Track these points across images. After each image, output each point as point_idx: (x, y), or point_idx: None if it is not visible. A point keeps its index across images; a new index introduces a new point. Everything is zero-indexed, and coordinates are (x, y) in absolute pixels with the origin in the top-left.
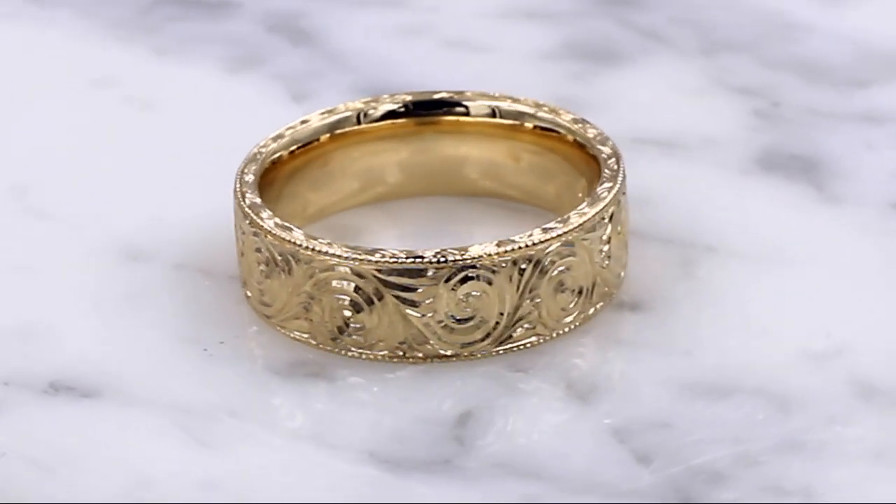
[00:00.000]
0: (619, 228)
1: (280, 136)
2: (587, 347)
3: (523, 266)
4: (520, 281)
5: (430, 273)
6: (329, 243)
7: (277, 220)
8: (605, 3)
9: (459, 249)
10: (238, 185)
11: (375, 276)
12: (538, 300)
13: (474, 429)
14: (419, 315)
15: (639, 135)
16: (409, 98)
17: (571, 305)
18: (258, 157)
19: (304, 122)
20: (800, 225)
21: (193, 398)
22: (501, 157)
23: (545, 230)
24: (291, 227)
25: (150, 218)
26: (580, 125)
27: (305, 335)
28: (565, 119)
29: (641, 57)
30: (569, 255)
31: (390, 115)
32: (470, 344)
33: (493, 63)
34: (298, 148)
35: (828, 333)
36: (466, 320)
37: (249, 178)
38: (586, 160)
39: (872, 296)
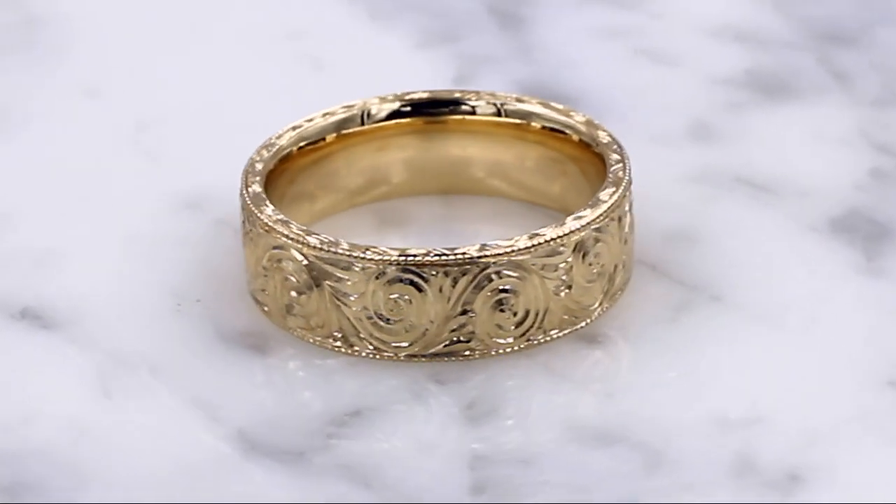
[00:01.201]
0: (594, 260)
1: (288, 133)
2: (516, 371)
3: (455, 278)
4: (451, 292)
5: (358, 267)
6: (287, 222)
7: (258, 190)
8: (819, 37)
9: (401, 250)
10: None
11: (314, 262)
12: (472, 315)
13: (350, 428)
14: (350, 308)
15: (743, 173)
16: (415, 97)
17: (513, 327)
18: (268, 150)
19: (311, 119)
20: (823, 292)
21: (127, 346)
22: (507, 156)
23: (493, 245)
24: (267, 203)
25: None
26: (586, 125)
27: (266, 308)
28: (571, 119)
29: (811, 96)
30: (517, 277)
31: (396, 114)
32: (398, 346)
33: (667, 77)
34: (307, 144)
35: (753, 402)
36: (394, 321)
37: (258, 169)
38: (592, 160)
39: (834, 378)
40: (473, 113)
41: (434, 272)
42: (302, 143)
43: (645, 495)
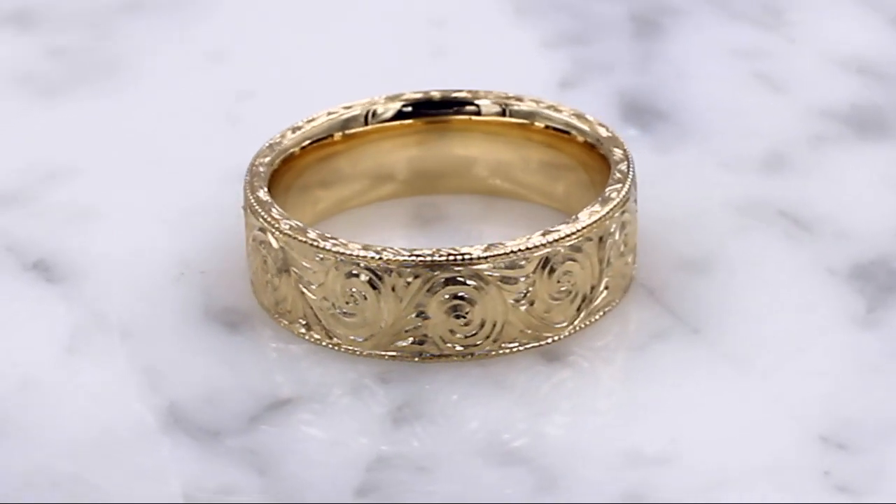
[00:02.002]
0: (563, 277)
1: (292, 132)
2: (464, 380)
3: (409, 280)
4: (405, 293)
5: (319, 257)
6: (268, 204)
7: (261, 170)
8: None
9: (365, 245)
10: (251, 195)
11: (284, 247)
12: (426, 318)
13: (277, 415)
14: (313, 296)
15: (789, 207)
16: (419, 97)
17: (467, 335)
18: (271, 150)
19: (314, 119)
20: (805, 339)
21: (113, 309)
22: (511, 156)
23: (450, 250)
24: (262, 187)
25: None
26: (590, 125)
27: (253, 288)
28: (576, 119)
29: None
30: (473, 286)
31: (400, 114)
32: (354, 340)
33: (771, 103)
34: (310, 144)
35: (672, 440)
36: (350, 315)
37: (259, 184)
38: (597, 161)
39: (767, 428)
40: (478, 113)
41: (389, 271)
42: (306, 143)
43: None
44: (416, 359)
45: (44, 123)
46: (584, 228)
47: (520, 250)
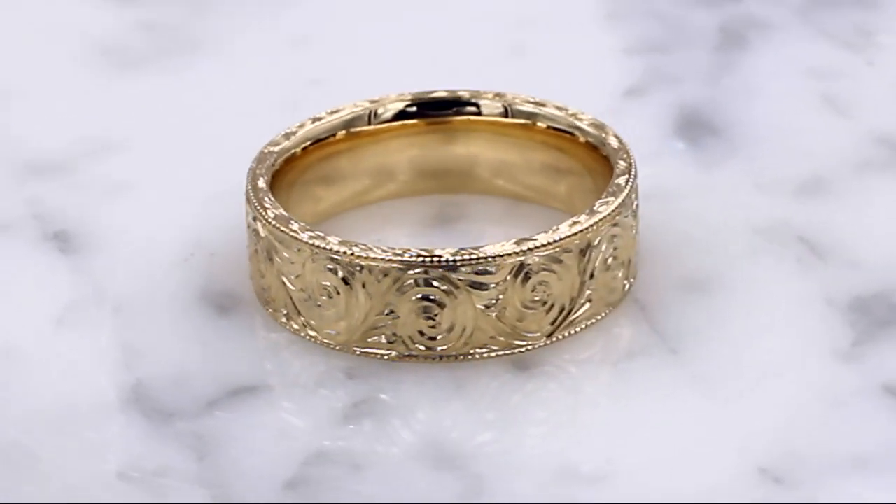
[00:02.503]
0: (538, 286)
1: (293, 134)
2: (428, 381)
3: (379, 278)
4: (375, 290)
5: (296, 248)
6: (262, 193)
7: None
8: None
9: (343, 241)
10: (250, 182)
11: (269, 236)
12: (397, 318)
13: (237, 402)
14: (292, 287)
15: (810, 233)
16: (421, 97)
17: (436, 337)
18: (271, 153)
19: (316, 119)
20: (780, 368)
21: (114, 285)
22: (513, 156)
23: (419, 252)
24: (262, 178)
25: None
26: (593, 126)
27: (250, 275)
28: (578, 119)
29: None
30: (443, 289)
31: (402, 114)
32: (328, 333)
33: (829, 126)
34: (311, 145)
35: (608, 459)
36: (325, 308)
37: (262, 173)
38: (600, 162)
39: (710, 454)
40: (480, 113)
41: (360, 268)
42: (308, 142)
43: None
44: (386, 357)
45: (113, 96)
46: (562, 240)
47: (491, 257)
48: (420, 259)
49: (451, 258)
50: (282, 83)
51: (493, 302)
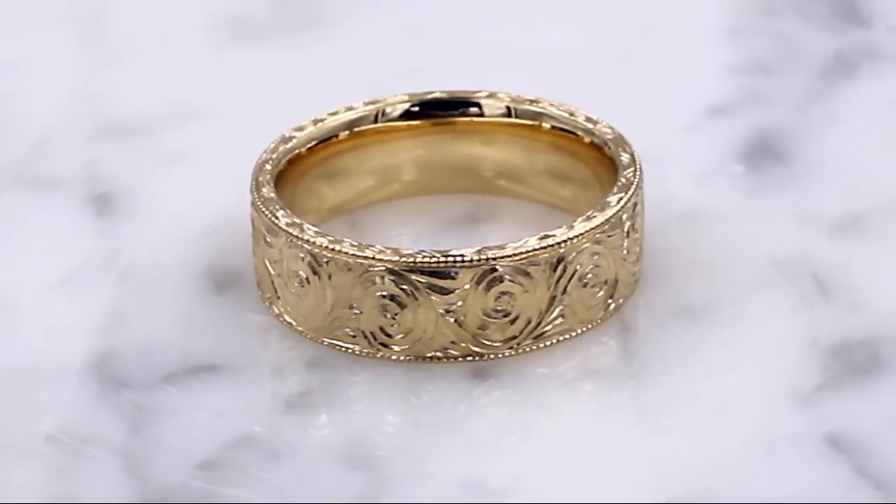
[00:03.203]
0: (501, 296)
1: (297, 133)
2: (382, 380)
3: (344, 272)
4: (339, 282)
5: (275, 234)
6: (259, 184)
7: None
8: None
9: (318, 231)
10: (255, 181)
11: (257, 221)
12: (360, 313)
13: (192, 380)
14: (273, 272)
15: (823, 271)
16: (426, 98)
17: (397, 337)
18: (276, 153)
19: (321, 120)
20: (725, 405)
21: (132, 252)
22: (517, 156)
23: (377, 248)
24: (266, 170)
25: None
26: (597, 126)
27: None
28: (582, 120)
29: None
30: (402, 290)
31: (407, 114)
32: (301, 321)
33: None
34: (316, 145)
35: (518, 476)
36: (298, 296)
37: (267, 172)
38: (603, 162)
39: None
40: (484, 114)
41: (326, 259)
42: (313, 142)
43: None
44: (349, 351)
45: (217, 66)
46: (530, 252)
47: (452, 262)
48: (382, 257)
49: (411, 259)
50: (384, 68)
51: (454, 307)
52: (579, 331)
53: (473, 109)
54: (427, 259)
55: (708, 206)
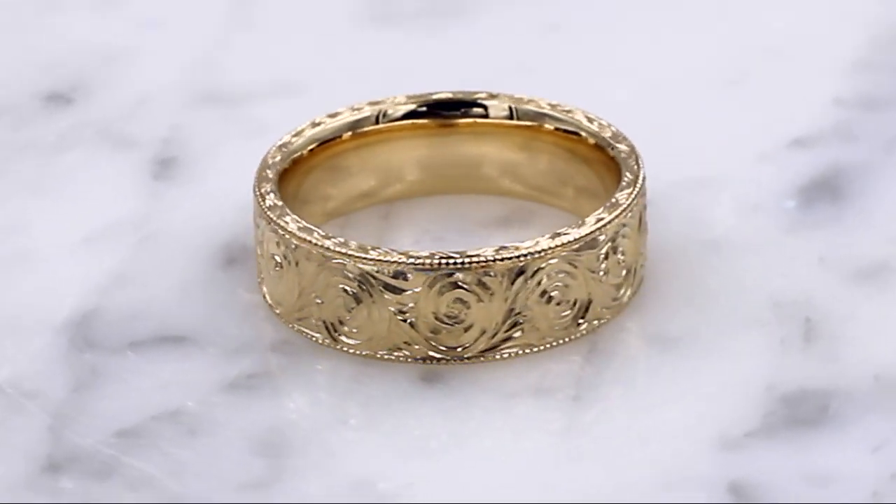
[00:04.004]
0: (453, 303)
1: (300, 134)
2: (332, 373)
3: (308, 260)
4: (306, 270)
5: (263, 224)
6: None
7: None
8: None
9: (294, 219)
10: (257, 182)
11: (255, 212)
12: (321, 303)
13: (151, 348)
14: (261, 254)
15: (823, 320)
16: (428, 98)
17: (352, 331)
18: (278, 154)
19: (323, 121)
20: (644, 440)
21: (161, 218)
22: (520, 157)
23: (336, 240)
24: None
25: None
26: (599, 127)
27: None
28: (585, 121)
29: None
30: (357, 284)
31: (410, 115)
32: (280, 307)
33: None
34: (318, 146)
35: (408, 484)
36: (276, 281)
37: (270, 190)
38: (606, 162)
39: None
40: (487, 115)
41: (294, 246)
42: (315, 144)
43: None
44: (313, 339)
45: (344, 44)
46: (485, 263)
47: (405, 262)
48: (342, 250)
49: (368, 256)
50: (498, 65)
51: (406, 308)
52: (541, 347)
53: (476, 110)
54: (382, 257)
55: (738, 237)
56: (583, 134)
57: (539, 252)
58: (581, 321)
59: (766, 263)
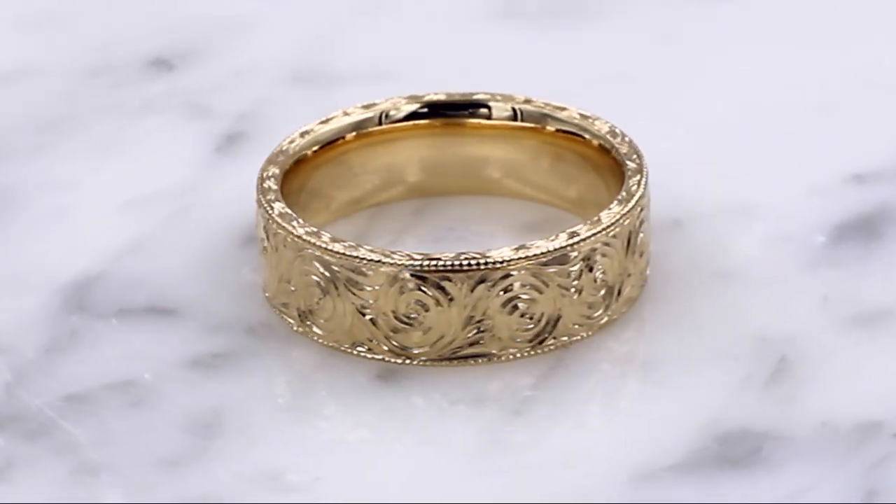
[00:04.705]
0: (412, 306)
1: (304, 135)
2: (293, 364)
3: (282, 247)
4: (280, 258)
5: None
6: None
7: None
8: None
9: (281, 212)
10: (261, 183)
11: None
12: (294, 291)
13: (137, 318)
14: (257, 236)
15: (809, 367)
16: (432, 99)
17: (321, 321)
18: (282, 154)
19: (327, 121)
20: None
21: (208, 190)
22: (523, 157)
23: (311, 230)
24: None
25: None
26: (602, 128)
27: None
28: (588, 122)
29: None
30: (324, 275)
31: (413, 115)
32: (269, 295)
33: None
34: (322, 147)
35: (317, 478)
36: (262, 262)
37: (272, 174)
38: (609, 163)
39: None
40: (490, 116)
41: (274, 232)
42: (317, 145)
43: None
44: (290, 325)
45: (458, 37)
46: (443, 268)
47: (365, 259)
48: (312, 240)
49: (333, 248)
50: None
51: (368, 305)
52: (503, 358)
53: (480, 111)
54: (347, 251)
55: (754, 268)
56: (585, 135)
57: (499, 263)
58: (548, 336)
59: (766, 297)
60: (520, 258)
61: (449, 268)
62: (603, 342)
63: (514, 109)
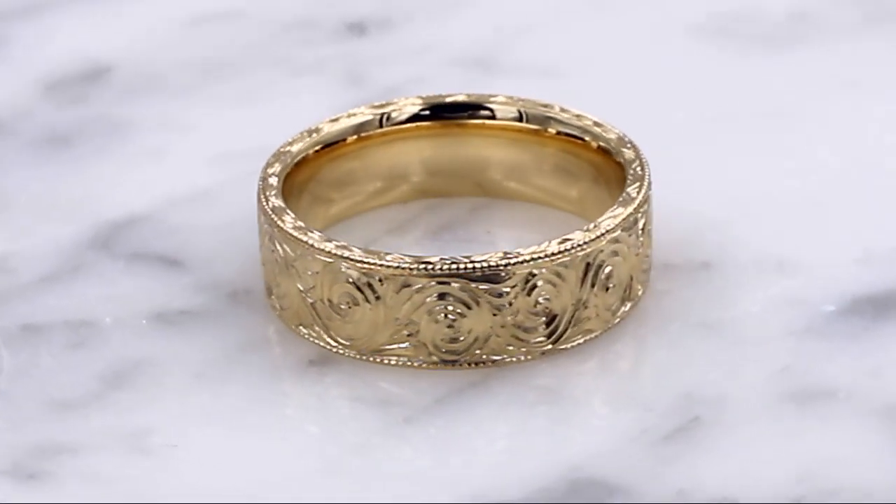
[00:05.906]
0: (344, 306)
1: (305, 136)
2: (258, 343)
3: (263, 227)
4: (275, 249)
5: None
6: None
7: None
8: None
9: (276, 207)
10: (262, 185)
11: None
12: (263, 264)
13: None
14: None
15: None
16: (434, 100)
17: (275, 290)
18: (283, 156)
19: (329, 122)
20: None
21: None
22: (525, 159)
23: (290, 220)
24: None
25: None
26: (603, 130)
27: None
28: (590, 124)
29: None
30: (281, 259)
31: (415, 117)
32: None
33: None
34: (323, 148)
35: (174, 445)
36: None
37: (273, 176)
38: (610, 165)
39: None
40: (493, 117)
41: (271, 225)
42: (319, 146)
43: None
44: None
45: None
46: (371, 266)
47: (306, 244)
48: (273, 217)
49: (292, 231)
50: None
51: (308, 290)
52: (426, 363)
53: (482, 112)
54: (297, 235)
55: (739, 325)
56: (587, 138)
57: (430, 268)
58: (478, 350)
59: (729, 356)
60: (459, 270)
61: (377, 266)
62: (538, 366)
63: (518, 111)
